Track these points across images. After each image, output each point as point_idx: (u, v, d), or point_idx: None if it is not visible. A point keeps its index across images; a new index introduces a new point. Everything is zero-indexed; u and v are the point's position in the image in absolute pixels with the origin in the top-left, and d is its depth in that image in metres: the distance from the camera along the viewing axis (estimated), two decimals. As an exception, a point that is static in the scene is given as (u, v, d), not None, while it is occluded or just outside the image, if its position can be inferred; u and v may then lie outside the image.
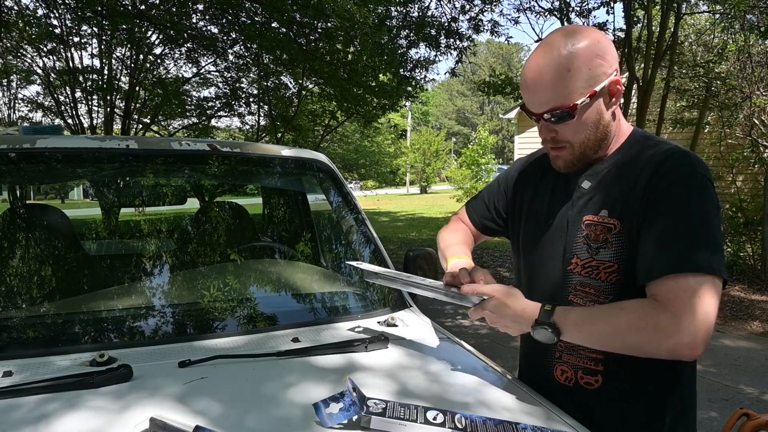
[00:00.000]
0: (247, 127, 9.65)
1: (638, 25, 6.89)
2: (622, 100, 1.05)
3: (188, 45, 7.41)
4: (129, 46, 6.75)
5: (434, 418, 0.84)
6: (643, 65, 6.48)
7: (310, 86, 8.80)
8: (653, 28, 6.37)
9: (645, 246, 0.95)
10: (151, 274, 1.58)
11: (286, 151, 1.87)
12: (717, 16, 7.47)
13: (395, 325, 1.34)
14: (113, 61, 7.32)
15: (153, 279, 1.56)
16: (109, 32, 6.42)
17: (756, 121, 7.33)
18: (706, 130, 8.14)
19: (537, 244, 1.13)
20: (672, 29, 6.47)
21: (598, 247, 1.00)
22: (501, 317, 1.00)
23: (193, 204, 2.18)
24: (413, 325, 1.38)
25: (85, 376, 0.98)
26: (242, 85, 8.96)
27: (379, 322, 1.36)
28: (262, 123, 9.01)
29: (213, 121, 9.62)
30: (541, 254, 1.11)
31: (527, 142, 11.35)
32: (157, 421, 0.81)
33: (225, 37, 7.34)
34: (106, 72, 7.19)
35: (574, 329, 0.94)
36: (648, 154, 1.00)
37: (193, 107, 9.03)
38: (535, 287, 1.12)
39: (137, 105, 7.80)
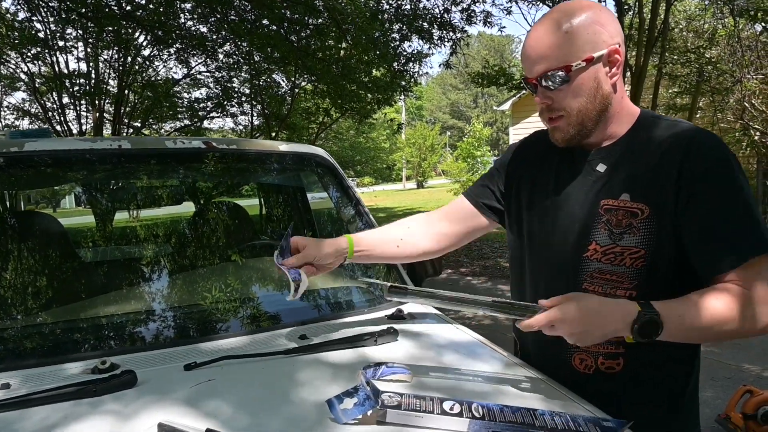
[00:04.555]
0: (240, 127, 9.60)
1: (630, 12, 6.88)
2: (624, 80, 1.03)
3: (177, 45, 7.34)
4: (116, 48, 6.68)
5: (451, 408, 0.82)
6: (635, 52, 6.47)
7: (303, 84, 8.75)
8: (644, 15, 6.36)
9: (701, 237, 0.93)
10: (151, 278, 1.55)
11: (283, 147, 1.84)
12: (707, 1, 7.47)
13: (403, 318, 1.32)
14: (100, 64, 7.24)
15: (153, 282, 1.53)
16: (95, 35, 6.35)
17: (747, 105, 7.34)
18: (698, 115, 8.17)
19: (545, 230, 1.08)
20: (663, 16, 6.46)
21: (621, 233, 0.97)
22: (583, 321, 0.87)
23: (190, 205, 2.14)
24: (420, 316, 1.35)
25: (87, 384, 0.94)
26: (234, 84, 8.91)
27: (386, 316, 1.33)
28: (256, 122, 8.97)
29: (205, 123, 9.56)
30: (549, 241, 1.07)
31: (522, 134, 11.30)
32: (166, 427, 0.78)
33: (214, 36, 7.28)
34: (93, 76, 7.11)
35: (677, 320, 0.89)
36: (667, 134, 0.98)
37: (184, 109, 8.97)
38: (542, 276, 1.09)
39: (127, 108, 7.73)
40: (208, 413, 0.87)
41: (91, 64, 6.98)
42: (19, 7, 6.32)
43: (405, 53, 7.77)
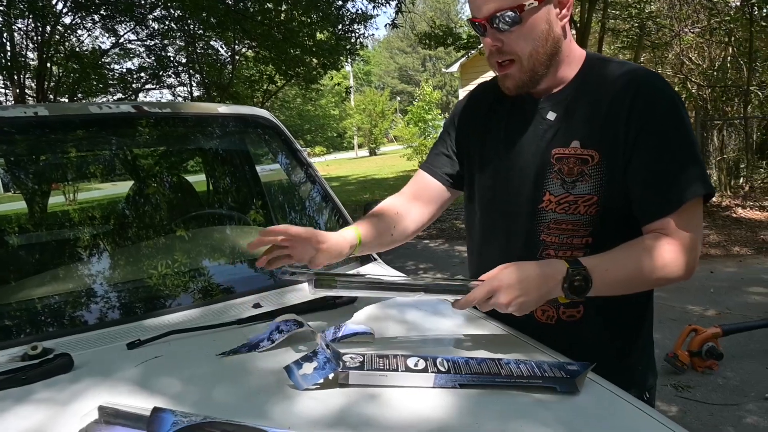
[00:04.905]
0: (180, 99, 9.09)
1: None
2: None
3: (102, 12, 6.76)
4: (31, 16, 6.08)
5: (415, 365, 0.79)
6: (579, 8, 6.53)
7: (244, 50, 8.34)
8: (586, -32, 6.39)
9: (643, 182, 0.92)
10: (86, 256, 1.43)
11: (223, 109, 1.71)
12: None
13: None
14: (15, 35, 6.58)
15: (88, 261, 1.41)
16: (5, 2, 5.74)
17: (685, 59, 7.63)
18: (639, 70, 8.40)
19: (497, 184, 1.06)
20: (604, -31, 6.52)
21: (573, 181, 0.95)
22: (520, 286, 0.86)
23: (124, 177, 1.99)
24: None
25: (15, 372, 0.85)
26: (168, 53, 8.36)
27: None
28: (196, 93, 8.51)
29: (141, 96, 8.98)
30: (503, 195, 1.05)
31: (470, 95, 11.36)
32: (107, 409, 0.71)
33: (143, 1, 6.75)
34: (9, 48, 6.46)
35: (604, 274, 0.89)
36: (614, 76, 0.95)
37: (116, 81, 8.36)
38: (499, 233, 1.06)
39: (51, 83, 7.11)
40: (155, 391, 0.80)
41: (5, 35, 6.33)
42: None
43: (349, 14, 7.52)
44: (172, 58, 8.40)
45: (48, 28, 6.59)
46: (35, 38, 6.63)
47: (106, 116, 1.50)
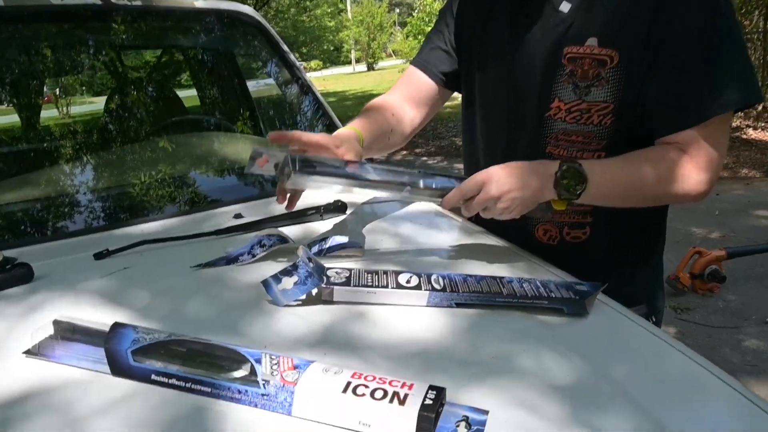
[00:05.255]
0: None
1: None
2: None
3: None
4: None
5: (408, 282, 0.71)
6: None
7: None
8: None
9: (664, 90, 0.79)
10: (54, 161, 1.31)
11: (200, 3, 1.52)
12: None
13: (350, 191, 1.18)
14: None
15: (56, 166, 1.30)
16: None
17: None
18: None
19: (500, 88, 0.92)
20: None
21: (588, 86, 0.82)
22: (512, 180, 0.76)
23: (91, 75, 1.82)
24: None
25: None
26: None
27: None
28: None
29: None
30: (506, 101, 0.92)
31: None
32: (63, 324, 0.63)
33: None
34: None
35: (601, 175, 0.79)
36: None
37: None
38: (499, 145, 0.95)
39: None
40: (119, 305, 0.72)
41: None
42: None
43: None
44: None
45: None
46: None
47: (68, 8, 1.33)
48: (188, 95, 1.93)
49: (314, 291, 0.71)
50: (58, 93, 1.72)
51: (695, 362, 0.61)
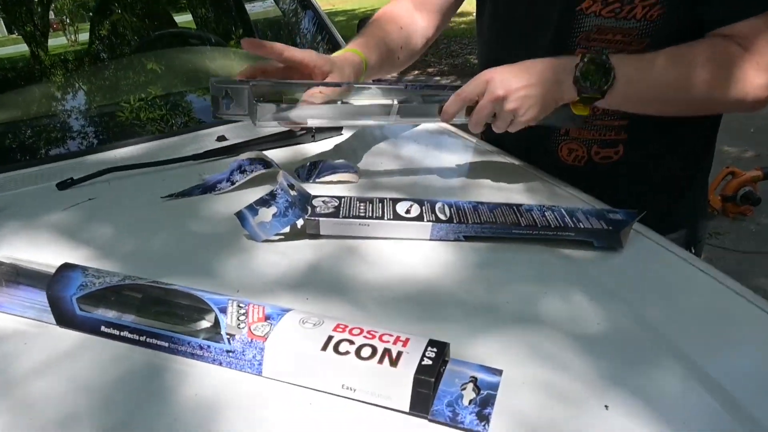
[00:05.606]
0: None
1: None
2: None
3: None
4: None
5: (407, 211, 0.60)
6: None
7: None
8: None
9: None
10: (11, 79, 1.18)
11: None
12: None
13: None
14: None
15: (13, 85, 1.17)
16: None
17: None
18: None
19: None
20: None
21: None
22: (521, 75, 0.64)
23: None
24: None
25: None
26: None
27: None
28: None
29: None
30: None
31: None
32: (6, 266, 0.54)
33: None
34: None
35: (633, 71, 0.65)
36: None
37: None
38: (520, 46, 0.79)
39: None
40: (78, 242, 0.63)
41: None
42: None
43: None
44: None
45: None
46: None
47: None
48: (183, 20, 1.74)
49: (300, 224, 0.60)
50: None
51: (754, 304, 0.50)
